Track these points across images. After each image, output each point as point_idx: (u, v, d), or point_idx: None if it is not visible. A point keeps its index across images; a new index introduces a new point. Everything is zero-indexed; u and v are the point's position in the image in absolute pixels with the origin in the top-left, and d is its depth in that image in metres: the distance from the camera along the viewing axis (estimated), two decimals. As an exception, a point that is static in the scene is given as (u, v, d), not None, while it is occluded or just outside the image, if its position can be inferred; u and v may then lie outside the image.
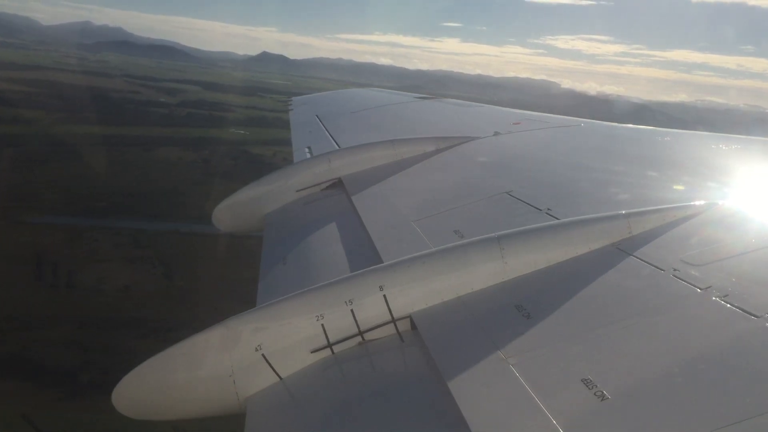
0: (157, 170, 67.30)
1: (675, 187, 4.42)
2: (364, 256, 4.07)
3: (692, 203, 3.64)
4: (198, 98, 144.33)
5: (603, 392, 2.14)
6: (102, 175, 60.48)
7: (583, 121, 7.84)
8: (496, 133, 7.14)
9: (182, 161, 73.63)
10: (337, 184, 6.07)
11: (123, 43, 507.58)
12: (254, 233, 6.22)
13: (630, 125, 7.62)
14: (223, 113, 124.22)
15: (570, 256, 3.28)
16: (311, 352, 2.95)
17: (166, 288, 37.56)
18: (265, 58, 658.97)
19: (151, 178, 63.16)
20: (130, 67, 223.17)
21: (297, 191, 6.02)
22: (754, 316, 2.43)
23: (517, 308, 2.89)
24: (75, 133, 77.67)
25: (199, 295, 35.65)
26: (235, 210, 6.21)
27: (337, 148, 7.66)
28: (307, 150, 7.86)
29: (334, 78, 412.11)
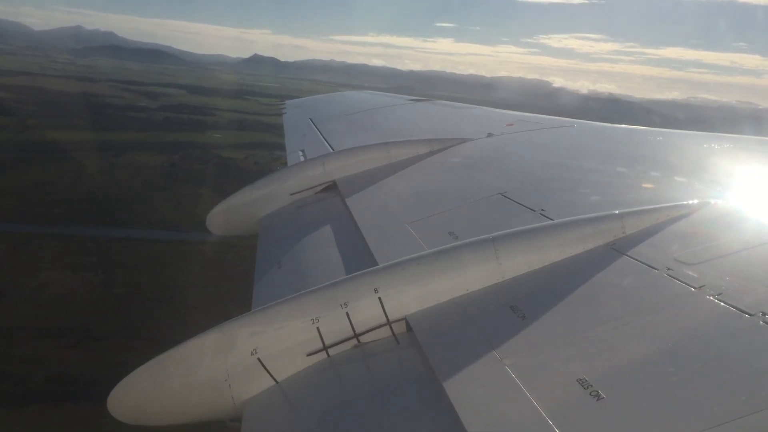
0: (119, 175, 66.10)
1: (668, 186, 4.42)
2: (358, 258, 4.08)
3: (685, 202, 3.65)
4: (180, 102, 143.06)
5: (598, 392, 2.16)
6: (62, 181, 59.91)
7: (576, 122, 7.86)
8: (490, 135, 7.16)
9: (148, 166, 72.57)
10: (332, 187, 6.09)
11: (113, 47, 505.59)
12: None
13: (623, 125, 7.62)
14: (203, 117, 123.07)
15: (564, 256, 3.30)
16: (307, 356, 2.97)
17: (102, 296, 37.14)
18: (256, 60, 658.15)
19: (112, 183, 62.09)
20: (116, 72, 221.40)
21: (291, 194, 6.04)
22: (747, 314, 2.44)
23: (512, 309, 2.90)
24: (43, 139, 76.90)
25: (134, 303, 35.26)
26: (229, 214, 6.22)
27: (331, 151, 7.65)
28: (300, 153, 7.87)
29: (323, 80, 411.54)
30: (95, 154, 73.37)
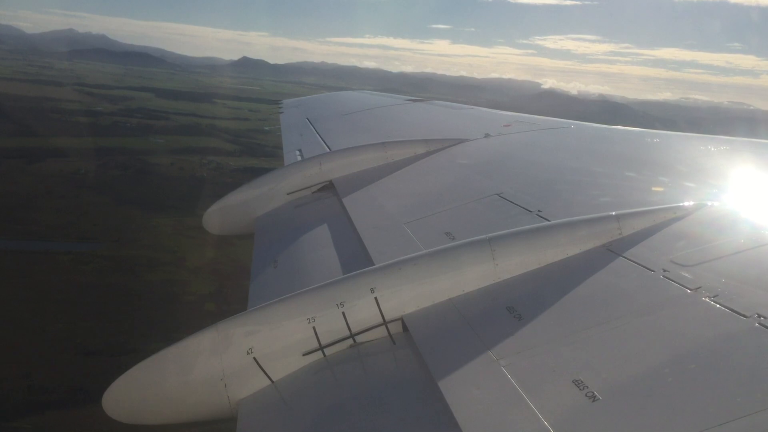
0: (19, 183, 64.00)
1: (665, 188, 4.39)
2: (355, 258, 4.05)
3: (682, 204, 3.63)
4: (141, 106, 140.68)
5: (594, 393, 2.17)
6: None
7: (573, 123, 7.82)
8: (487, 135, 7.13)
9: (60, 173, 70.14)
10: (328, 186, 6.05)
11: (100, 50, 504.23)
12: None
13: (619, 127, 7.56)
14: (155, 121, 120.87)
15: (560, 257, 3.29)
16: (303, 355, 2.95)
17: None
18: (244, 63, 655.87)
19: (5, 191, 60.24)
20: (94, 75, 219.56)
21: (288, 194, 6.00)
22: (743, 316, 2.45)
23: (509, 310, 2.89)
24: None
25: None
26: (225, 213, 6.13)
27: (328, 150, 7.61)
28: (297, 153, 7.84)
29: (310, 82, 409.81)
30: (6, 161, 71.29)
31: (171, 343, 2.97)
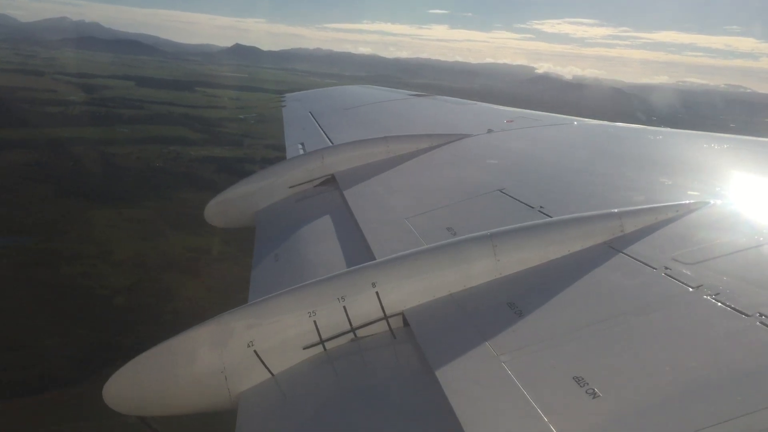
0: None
1: (667, 185, 4.38)
2: (356, 252, 4.04)
3: (684, 202, 3.63)
4: (117, 95, 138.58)
5: (594, 390, 2.18)
6: None
7: (576, 120, 7.83)
8: (490, 131, 7.14)
9: (10, 165, 69.09)
10: (330, 180, 6.04)
11: (91, 38, 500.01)
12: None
13: (622, 124, 7.57)
14: (127, 110, 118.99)
15: (562, 254, 3.30)
16: (303, 349, 2.97)
17: None
18: (236, 50, 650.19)
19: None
20: (80, 64, 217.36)
21: (290, 187, 5.99)
22: (744, 314, 2.46)
23: (510, 306, 2.90)
24: None
25: None
26: (226, 206, 6.11)
27: (331, 144, 7.59)
28: (300, 146, 7.83)
29: (301, 69, 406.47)
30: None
31: (167, 337, 2.96)
